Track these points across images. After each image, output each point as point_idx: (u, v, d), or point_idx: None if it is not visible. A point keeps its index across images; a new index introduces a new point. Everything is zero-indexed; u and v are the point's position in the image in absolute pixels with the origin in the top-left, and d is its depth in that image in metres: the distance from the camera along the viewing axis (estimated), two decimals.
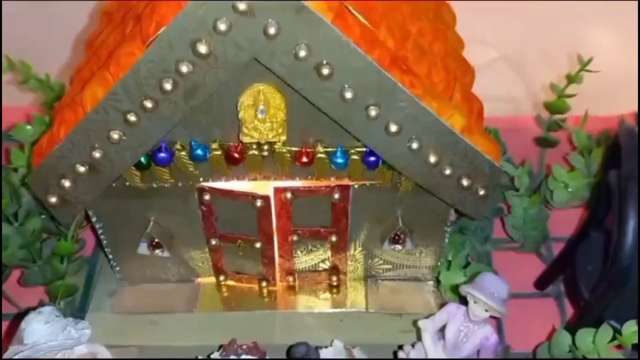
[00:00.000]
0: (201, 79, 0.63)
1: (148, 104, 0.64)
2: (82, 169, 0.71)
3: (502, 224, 0.98)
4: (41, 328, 0.72)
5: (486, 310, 0.68)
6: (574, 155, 0.98)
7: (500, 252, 0.96)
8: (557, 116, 1.06)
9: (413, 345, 0.78)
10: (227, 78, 0.64)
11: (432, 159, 0.69)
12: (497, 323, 0.87)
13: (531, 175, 0.91)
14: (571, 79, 1.01)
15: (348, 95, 0.63)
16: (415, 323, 0.80)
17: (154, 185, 0.78)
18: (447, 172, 0.71)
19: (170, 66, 0.62)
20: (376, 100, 0.64)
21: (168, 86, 0.63)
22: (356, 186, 0.79)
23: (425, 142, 0.68)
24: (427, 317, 0.77)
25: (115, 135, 0.67)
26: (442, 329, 0.74)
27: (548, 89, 1.06)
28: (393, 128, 0.66)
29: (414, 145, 0.68)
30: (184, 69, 0.62)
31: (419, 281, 0.92)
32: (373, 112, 0.65)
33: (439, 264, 0.90)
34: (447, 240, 0.87)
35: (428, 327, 0.74)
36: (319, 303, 0.90)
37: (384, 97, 0.64)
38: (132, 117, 0.66)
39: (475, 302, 0.69)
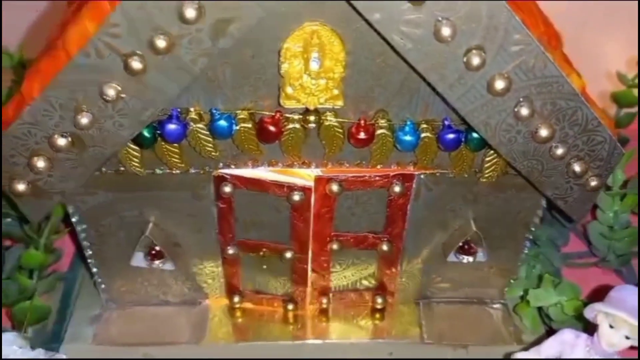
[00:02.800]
0: (239, 4, 0.45)
1: (160, 42, 0.46)
2: (62, 141, 0.52)
3: None
4: None
5: (627, 338, 0.50)
6: None
7: (569, 269, 0.80)
8: (626, 110, 0.91)
9: None
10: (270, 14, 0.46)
11: (544, 131, 0.51)
12: None
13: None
14: None
15: (445, 31, 0.45)
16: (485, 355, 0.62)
17: (158, 172, 0.61)
18: (559, 151, 0.54)
19: None
20: (482, 40, 0.46)
21: (191, 13, 0.44)
22: (422, 176, 0.61)
23: (537, 106, 0.51)
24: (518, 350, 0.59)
25: (110, 91, 0.49)
26: None
27: (614, 77, 0.91)
28: (499, 84, 0.48)
29: (524, 111, 0.50)
30: None
31: (484, 304, 0.75)
32: (476, 60, 0.47)
33: (510, 282, 0.72)
34: (526, 251, 0.69)
35: None
36: (359, 332, 0.74)
37: (493, 36, 0.46)
38: (136, 63, 0.47)
39: (611, 327, 0.50)
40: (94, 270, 0.70)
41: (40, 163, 0.54)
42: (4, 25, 0.93)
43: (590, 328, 0.55)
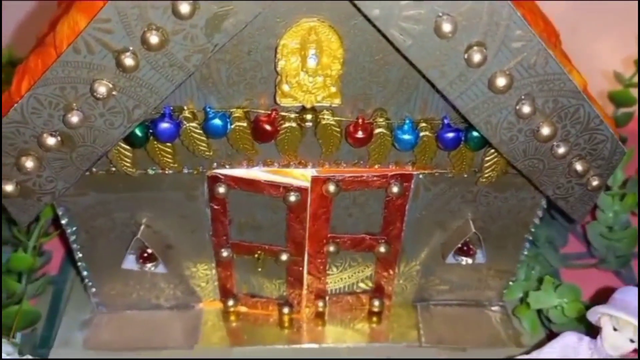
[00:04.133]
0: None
1: (153, 39, 0.44)
2: (51, 140, 0.50)
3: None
4: None
5: (632, 341, 0.49)
6: None
7: (567, 270, 0.78)
8: (623, 110, 0.90)
9: None
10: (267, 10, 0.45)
11: (546, 130, 0.50)
12: None
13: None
14: None
15: (445, 27, 0.44)
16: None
17: (150, 172, 0.59)
18: (560, 150, 0.52)
19: None
20: (483, 36, 0.45)
21: (185, 8, 0.43)
22: (421, 176, 0.60)
23: (539, 104, 0.49)
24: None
25: (102, 88, 0.47)
26: None
27: (611, 77, 0.91)
28: (501, 81, 0.47)
29: (525, 109, 0.49)
30: None
31: (482, 307, 0.73)
32: (477, 56, 0.46)
33: (509, 284, 0.71)
34: (525, 252, 0.68)
35: None
36: (355, 335, 0.72)
37: (494, 32, 0.45)
38: (128, 60, 0.46)
39: (615, 330, 0.49)
40: (84, 273, 0.68)
41: (29, 163, 0.52)
42: None
43: (592, 331, 0.54)
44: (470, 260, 0.67)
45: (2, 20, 0.91)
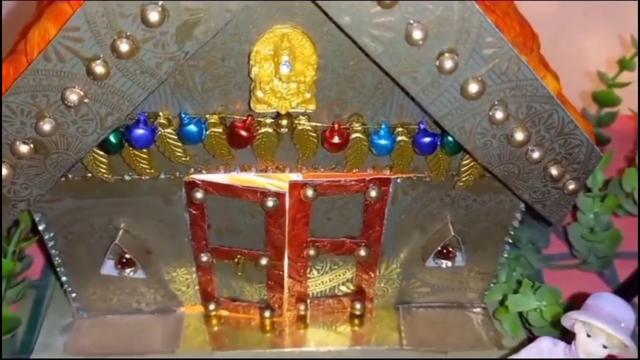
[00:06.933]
0: (205, 6, 0.43)
1: (123, 46, 0.44)
2: (24, 148, 0.50)
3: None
4: None
5: (604, 347, 0.49)
6: None
7: (550, 271, 0.79)
8: (607, 109, 0.91)
9: None
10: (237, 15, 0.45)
11: (519, 135, 0.50)
12: None
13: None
14: (624, 65, 0.86)
15: (416, 34, 0.44)
16: None
17: (126, 178, 0.58)
18: (535, 155, 0.52)
19: None
20: (454, 43, 0.45)
21: (155, 16, 0.43)
22: (399, 180, 0.60)
23: (512, 110, 0.49)
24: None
25: (73, 96, 0.47)
26: None
27: (595, 77, 0.91)
28: (473, 88, 0.47)
29: (498, 115, 0.49)
30: None
31: (464, 308, 0.73)
32: (448, 63, 0.45)
33: (490, 285, 0.71)
34: (505, 254, 0.68)
35: None
36: (337, 338, 0.72)
37: (465, 39, 0.45)
38: (98, 67, 0.46)
39: (589, 336, 0.49)
40: (64, 278, 0.67)
41: (3, 171, 0.52)
42: None
43: (569, 335, 0.54)
44: (450, 263, 0.67)
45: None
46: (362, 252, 0.65)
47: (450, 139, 0.54)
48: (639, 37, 0.90)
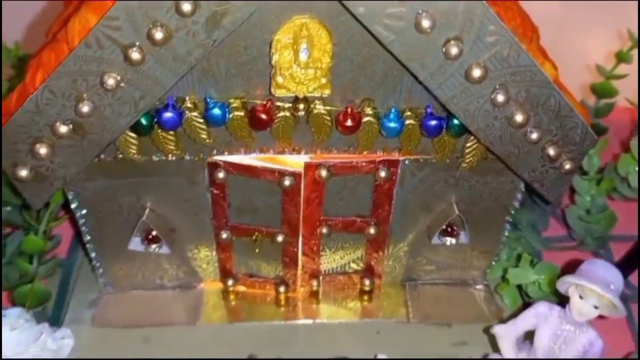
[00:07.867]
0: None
1: (158, 35, 0.48)
2: (63, 128, 0.54)
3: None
4: (6, 337, 0.54)
5: (596, 308, 0.53)
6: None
7: (549, 252, 0.83)
8: (605, 100, 0.94)
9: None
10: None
11: (519, 117, 0.54)
12: None
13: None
14: (621, 57, 0.90)
15: (425, 23, 0.48)
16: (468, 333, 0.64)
17: (154, 159, 0.63)
18: (534, 136, 0.57)
19: None
20: (459, 31, 0.49)
21: (187, 7, 0.47)
22: (407, 162, 0.64)
23: (512, 93, 0.54)
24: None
25: (110, 81, 0.51)
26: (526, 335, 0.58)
27: (594, 71, 0.94)
28: (476, 72, 0.51)
29: (500, 98, 0.53)
30: None
31: (467, 285, 0.77)
32: (454, 50, 0.50)
33: (492, 263, 0.76)
34: (506, 233, 0.72)
35: (508, 334, 0.59)
36: (348, 313, 0.76)
37: (469, 28, 0.49)
38: (135, 54, 0.50)
39: (581, 298, 0.53)
40: (92, 255, 0.71)
41: (43, 150, 0.56)
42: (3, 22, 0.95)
43: (564, 302, 0.58)
44: (454, 241, 0.71)
45: (13, 20, 0.94)
46: (372, 231, 0.70)
47: (455, 122, 0.58)
48: (639, 34, 0.94)
